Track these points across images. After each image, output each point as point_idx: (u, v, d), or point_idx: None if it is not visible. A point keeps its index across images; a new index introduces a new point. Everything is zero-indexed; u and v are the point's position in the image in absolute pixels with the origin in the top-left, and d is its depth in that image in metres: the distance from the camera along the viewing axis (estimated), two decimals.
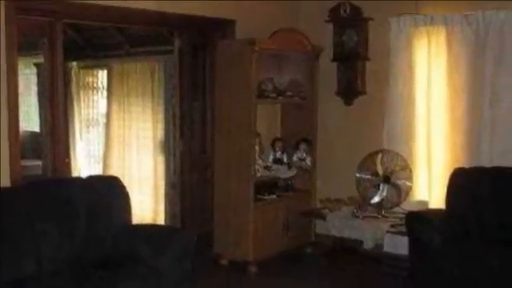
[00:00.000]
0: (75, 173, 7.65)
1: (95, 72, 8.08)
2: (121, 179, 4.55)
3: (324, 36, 6.05)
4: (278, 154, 5.97)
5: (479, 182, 4.84)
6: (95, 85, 8.10)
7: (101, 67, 7.93)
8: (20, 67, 4.49)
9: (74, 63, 7.94)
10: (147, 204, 7.25)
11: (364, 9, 5.87)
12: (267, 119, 6.09)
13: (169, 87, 6.63)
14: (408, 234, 4.81)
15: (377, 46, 5.89)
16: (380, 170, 5.57)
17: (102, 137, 7.98)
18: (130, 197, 4.50)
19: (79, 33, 7.43)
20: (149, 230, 4.51)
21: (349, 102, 6.12)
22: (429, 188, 5.59)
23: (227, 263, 5.53)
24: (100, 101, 8.05)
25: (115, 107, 7.66)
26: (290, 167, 5.95)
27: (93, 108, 8.17)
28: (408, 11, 5.55)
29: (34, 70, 6.40)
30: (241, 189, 5.38)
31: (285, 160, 5.97)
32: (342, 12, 5.96)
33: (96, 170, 7.91)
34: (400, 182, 5.48)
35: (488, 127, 5.21)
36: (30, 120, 6.58)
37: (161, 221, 6.82)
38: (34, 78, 6.48)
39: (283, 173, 5.89)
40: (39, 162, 5.20)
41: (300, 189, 6.04)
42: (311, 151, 6.02)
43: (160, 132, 7.08)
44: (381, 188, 5.51)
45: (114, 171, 7.34)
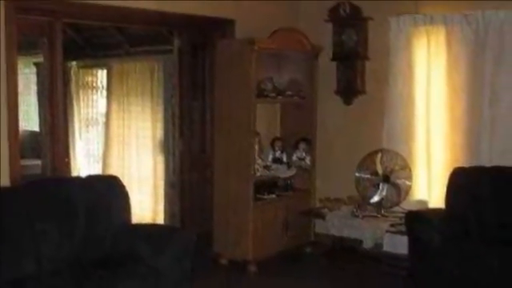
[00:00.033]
0: (75, 172, 7.65)
1: (95, 71, 8.07)
2: (120, 179, 4.55)
3: (323, 35, 6.05)
4: (278, 154, 5.97)
5: (479, 182, 4.84)
6: (95, 84, 8.10)
7: (100, 67, 7.93)
8: (20, 67, 4.49)
9: (74, 63, 7.94)
10: (147, 203, 7.24)
11: (363, 8, 5.87)
12: (267, 119, 6.09)
13: (168, 87, 6.63)
14: (407, 234, 4.81)
15: (376, 46, 5.89)
16: (379, 170, 5.56)
17: (102, 136, 7.97)
18: (130, 196, 4.50)
19: (79, 32, 7.43)
20: (148, 230, 4.51)
21: (348, 102, 6.12)
22: (428, 187, 5.59)
23: (227, 263, 5.53)
24: (99, 100, 8.05)
25: (115, 107, 7.66)
26: (290, 167, 5.95)
27: (92, 107, 8.16)
28: (408, 11, 5.55)
29: (34, 70, 6.40)
30: (240, 188, 5.38)
31: (284, 159, 5.96)
32: (342, 11, 5.96)
33: (95, 170, 7.91)
34: (400, 182, 5.48)
35: (488, 127, 5.21)
36: (30, 119, 6.57)
37: (160, 220, 6.82)
38: (34, 78, 6.47)
39: (283, 172, 5.89)
40: (39, 162, 5.20)
41: (299, 188, 6.04)
42: (311, 151, 6.02)
43: (159, 131, 7.08)
44: (380, 187, 5.51)
45: (114, 171, 7.34)
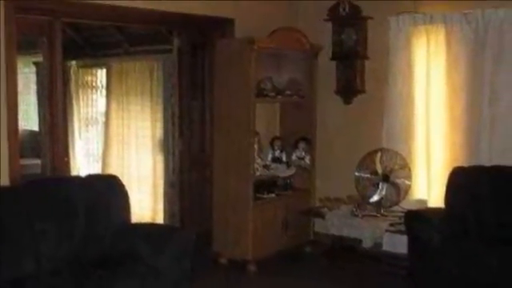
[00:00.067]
0: (74, 172, 7.65)
1: (94, 71, 8.07)
2: (120, 178, 4.55)
3: (323, 35, 6.04)
4: (277, 153, 5.97)
5: (478, 181, 4.84)
6: (94, 84, 8.10)
7: (100, 66, 7.93)
8: (19, 66, 4.49)
9: (73, 62, 7.93)
10: (146, 203, 7.24)
11: (363, 7, 5.86)
12: (266, 118, 6.09)
13: (168, 86, 6.63)
14: (407, 233, 4.81)
15: (376, 45, 5.89)
16: (379, 169, 5.56)
17: (101, 136, 7.97)
18: (129, 196, 4.51)
19: (78, 32, 7.43)
20: (148, 229, 4.51)
21: (348, 101, 6.12)
22: (428, 187, 5.58)
23: (226, 262, 5.53)
24: (99, 100, 8.04)
25: (114, 106, 7.65)
26: (289, 166, 5.95)
27: (92, 107, 8.16)
28: (407, 10, 5.55)
29: (33, 69, 6.39)
30: (240, 188, 5.38)
31: (284, 159, 5.96)
32: (341, 11, 5.96)
33: (95, 169, 7.91)
34: (399, 181, 5.48)
35: (487, 126, 5.21)
36: (29, 119, 6.57)
37: (160, 220, 6.82)
38: (33, 77, 6.47)
39: (282, 172, 5.89)
40: (38, 161, 5.20)
41: (299, 188, 6.04)
42: (310, 150, 6.02)
43: (159, 131, 7.08)
44: (380, 187, 5.51)
45: (113, 170, 7.34)
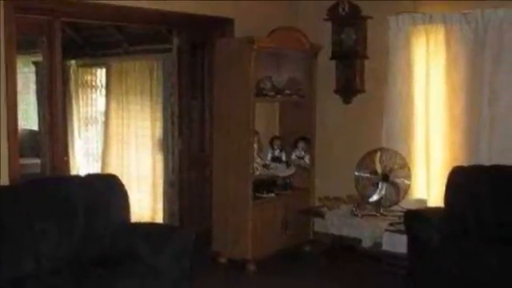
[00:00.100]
0: (74, 171, 7.64)
1: (94, 70, 8.06)
2: (119, 177, 4.54)
3: (322, 34, 6.04)
4: (277, 153, 5.97)
5: (478, 181, 4.84)
6: (94, 83, 8.09)
7: (99, 65, 7.92)
8: (18, 66, 4.49)
9: (73, 61, 7.92)
10: (146, 202, 7.24)
11: (363, 7, 5.87)
12: (266, 117, 6.09)
13: (167, 86, 6.63)
14: (407, 233, 4.81)
15: (375, 45, 5.89)
16: (379, 169, 5.57)
17: (101, 135, 7.96)
18: (129, 195, 4.50)
19: (78, 31, 7.42)
20: (147, 229, 4.50)
21: (347, 101, 6.12)
22: (427, 186, 5.58)
23: (226, 261, 5.54)
24: (98, 99, 8.03)
25: (114, 105, 7.65)
26: (289, 165, 5.95)
27: (91, 106, 8.15)
28: (407, 10, 5.55)
29: (33, 69, 6.38)
30: (239, 187, 5.38)
31: (283, 158, 5.97)
32: (341, 10, 5.96)
33: (94, 169, 7.90)
34: (399, 181, 5.48)
35: (487, 125, 5.21)
36: (29, 118, 6.56)
37: (159, 219, 6.81)
38: (33, 77, 6.45)
39: (282, 171, 5.89)
40: (38, 161, 5.19)
41: (298, 187, 6.04)
42: (310, 149, 6.02)
43: (158, 130, 7.07)
44: (379, 186, 5.51)
45: (113, 169, 7.34)
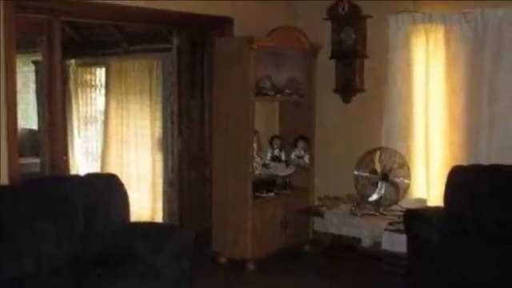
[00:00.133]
0: (73, 170, 7.63)
1: (93, 70, 8.05)
2: (119, 177, 4.55)
3: (322, 34, 6.05)
4: (276, 152, 5.98)
5: (477, 180, 4.84)
6: (93, 82, 8.08)
7: (99, 65, 7.91)
8: (18, 65, 4.48)
9: (72, 61, 7.91)
10: (145, 202, 7.23)
11: (362, 6, 5.87)
12: (265, 117, 6.09)
13: (167, 85, 6.62)
14: (406, 232, 4.81)
15: (375, 44, 5.89)
16: (378, 168, 5.57)
17: (100, 134, 7.95)
18: (128, 194, 4.50)
19: (77, 30, 7.41)
20: (147, 228, 4.50)
21: (347, 100, 6.12)
22: (427, 186, 5.58)
23: (225, 261, 5.54)
24: (98, 98, 8.02)
25: (113, 105, 7.64)
26: (288, 165, 5.95)
27: (91, 106, 8.14)
28: (406, 9, 5.55)
29: (32, 68, 6.36)
30: (239, 186, 5.38)
31: (283, 158, 5.97)
32: (341, 10, 5.96)
33: (94, 168, 7.89)
34: (398, 180, 5.48)
35: (486, 125, 5.21)
36: (28, 118, 6.55)
37: (159, 219, 6.81)
38: (32, 76, 6.44)
39: (281, 170, 5.89)
40: (37, 160, 5.18)
41: (298, 186, 6.04)
42: (309, 149, 6.02)
43: (158, 130, 7.06)
44: (379, 186, 5.51)
45: (112, 169, 7.33)
